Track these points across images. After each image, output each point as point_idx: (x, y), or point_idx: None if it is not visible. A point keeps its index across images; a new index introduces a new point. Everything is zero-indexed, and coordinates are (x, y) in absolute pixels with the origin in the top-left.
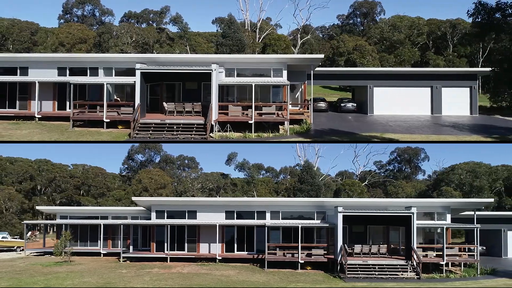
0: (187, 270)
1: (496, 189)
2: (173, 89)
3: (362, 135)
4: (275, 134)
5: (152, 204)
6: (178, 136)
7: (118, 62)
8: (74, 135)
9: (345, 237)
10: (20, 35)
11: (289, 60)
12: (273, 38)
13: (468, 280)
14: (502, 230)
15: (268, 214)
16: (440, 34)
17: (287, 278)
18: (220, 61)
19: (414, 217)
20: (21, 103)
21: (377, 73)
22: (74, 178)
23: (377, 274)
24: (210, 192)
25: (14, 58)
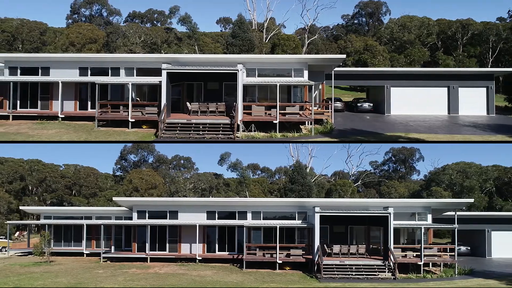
0: (164, 271)
1: (487, 189)
2: (194, 89)
3: (387, 135)
4: (300, 134)
5: (133, 204)
6: (204, 136)
7: (140, 62)
8: (101, 135)
9: (326, 237)
10: (30, 35)
11: (310, 60)
12: (282, 38)
13: (443, 280)
14: (486, 230)
15: (249, 214)
16: (450, 34)
17: (263, 278)
18: (242, 61)
19: (390, 217)
20: (42, 103)
21: (394, 73)
22: (65, 178)
23: (354, 275)
24: (202, 192)
25: (36, 58)
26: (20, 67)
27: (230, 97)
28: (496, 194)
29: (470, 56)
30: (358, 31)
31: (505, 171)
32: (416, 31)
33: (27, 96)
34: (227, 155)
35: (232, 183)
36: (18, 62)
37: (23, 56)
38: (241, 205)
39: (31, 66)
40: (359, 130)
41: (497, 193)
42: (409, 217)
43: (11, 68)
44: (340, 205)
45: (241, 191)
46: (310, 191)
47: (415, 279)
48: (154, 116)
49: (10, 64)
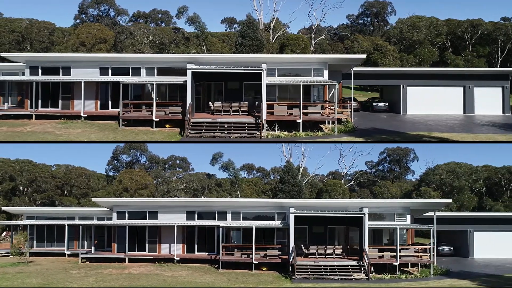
0: (140, 271)
1: (477, 189)
2: (211, 88)
3: (410, 134)
4: (324, 133)
5: (113, 204)
6: (230, 135)
7: (161, 62)
8: (128, 134)
9: (305, 237)
10: (39, 35)
11: (330, 60)
12: (291, 38)
13: (416, 281)
14: (469, 230)
15: (229, 215)
16: (459, 35)
17: (236, 278)
18: (263, 61)
19: (365, 218)
20: (63, 103)
21: (410, 73)
22: (55, 179)
23: (328, 275)
24: (194, 192)
25: (57, 58)
26: (41, 67)
27: (250, 96)
28: (486, 194)
29: (479, 56)
30: (363, 31)
31: (495, 171)
32: (425, 31)
33: (48, 96)
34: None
35: (225, 184)
36: (39, 62)
37: (44, 56)
38: (221, 205)
39: (52, 66)
40: (380, 129)
41: (488, 193)
42: (390, 217)
43: (32, 68)
44: (318, 206)
45: (233, 191)
46: (300, 191)
47: (388, 279)
48: (177, 116)
49: (31, 64)
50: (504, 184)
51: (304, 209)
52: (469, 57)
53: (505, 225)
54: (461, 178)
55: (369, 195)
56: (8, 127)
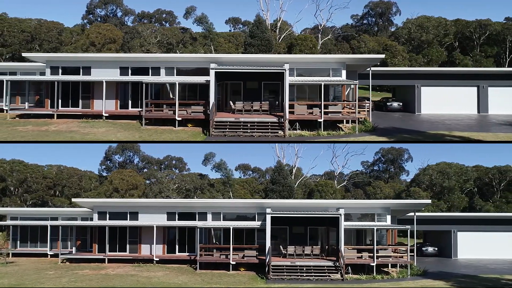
0: (116, 272)
1: (467, 189)
2: (231, 88)
3: (431, 133)
4: (345, 132)
5: (94, 205)
6: (253, 134)
7: (180, 62)
8: (153, 133)
9: (286, 238)
10: (48, 35)
11: (349, 60)
12: (300, 38)
13: (392, 281)
14: (452, 231)
15: (209, 215)
16: (467, 35)
17: (211, 279)
18: (283, 61)
19: (341, 219)
20: (83, 102)
21: (425, 72)
22: (47, 179)
23: (304, 276)
24: (187, 193)
25: (77, 58)
26: (61, 67)
27: (269, 96)
28: (477, 194)
29: (487, 56)
30: (368, 31)
31: (486, 172)
32: (433, 31)
33: (68, 95)
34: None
35: (218, 184)
36: (60, 62)
37: (64, 56)
38: (201, 206)
39: (72, 66)
40: (400, 128)
41: (479, 194)
42: (372, 218)
43: (53, 68)
44: (297, 206)
45: (226, 191)
46: (291, 191)
47: (363, 280)
48: (199, 115)
49: (52, 64)
50: (495, 184)
51: (283, 210)
52: (477, 57)
53: (489, 226)
54: (451, 179)
55: (362, 195)
56: (33, 126)
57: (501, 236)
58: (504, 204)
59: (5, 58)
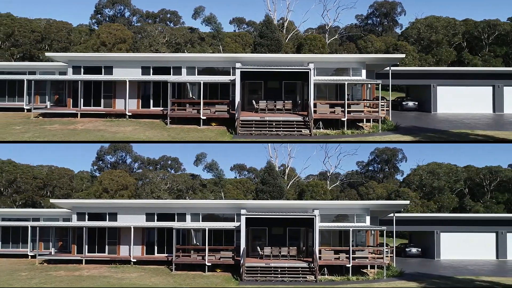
0: (91, 273)
1: (458, 190)
2: (250, 87)
3: (454, 132)
4: (369, 131)
5: (73, 206)
6: (279, 133)
7: (202, 62)
8: (180, 132)
9: (264, 238)
10: (58, 35)
11: (368, 59)
12: (309, 38)
13: (366, 282)
14: (435, 232)
15: (188, 216)
16: (476, 35)
17: (183, 280)
18: (305, 60)
19: (316, 219)
20: (105, 101)
21: (441, 72)
22: (37, 179)
23: (279, 277)
24: (178, 193)
25: (99, 57)
26: (83, 66)
27: (289, 95)
28: (468, 195)
29: (496, 56)
30: (373, 31)
31: (477, 172)
32: (443, 31)
33: (90, 95)
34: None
35: (210, 184)
36: (82, 61)
37: (86, 56)
38: (181, 207)
39: (94, 65)
40: (421, 127)
41: (470, 194)
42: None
43: (75, 67)
44: (275, 207)
45: (218, 192)
46: (281, 192)
47: (337, 281)
48: (224, 114)
49: (74, 64)
50: (485, 185)
51: (261, 211)
52: (486, 57)
53: (472, 226)
54: (441, 179)
55: (356, 195)
56: (59, 125)
57: (484, 237)
58: (494, 205)
59: (16, 58)
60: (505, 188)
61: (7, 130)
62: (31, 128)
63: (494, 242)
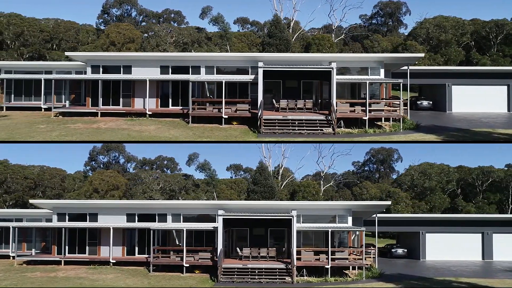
0: (66, 274)
1: (451, 190)
2: (273, 87)
3: (475, 131)
4: (390, 130)
5: (53, 206)
6: (302, 132)
7: (221, 60)
8: (203, 130)
9: (246, 239)
10: (66, 34)
11: (387, 58)
12: (317, 38)
13: (342, 284)
14: (421, 232)
15: (169, 217)
16: (484, 34)
17: (158, 282)
18: (321, 59)
19: (293, 220)
20: (124, 100)
21: (455, 71)
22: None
23: (257, 278)
24: (171, 193)
25: (119, 57)
26: (102, 66)
27: (307, 94)
28: (461, 195)
29: (504, 56)
30: (378, 31)
31: (469, 172)
32: (452, 30)
33: (109, 94)
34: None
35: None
36: (100, 60)
37: (105, 55)
38: (161, 207)
39: (113, 65)
40: (441, 126)
41: (462, 195)
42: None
43: (94, 67)
44: (253, 208)
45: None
46: (272, 192)
47: (314, 282)
48: (245, 113)
49: (93, 63)
50: (478, 185)
51: (241, 211)
52: (494, 57)
53: (457, 227)
54: (432, 179)
55: (350, 195)
56: (82, 124)
57: (470, 238)
58: (486, 205)
59: (25, 58)
60: (497, 189)
61: (33, 129)
62: (56, 127)
63: (480, 243)
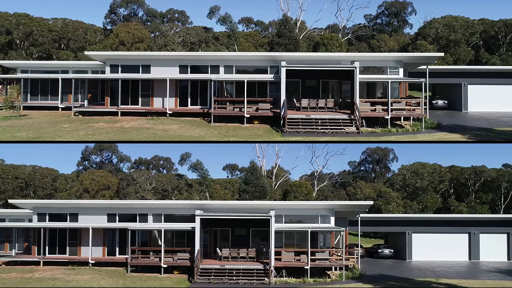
0: (42, 275)
1: (443, 190)
2: (293, 86)
3: (499, 130)
4: (412, 129)
5: (33, 206)
6: (325, 131)
7: (238, 60)
8: (226, 130)
9: (228, 240)
10: (74, 34)
11: (406, 58)
12: (326, 37)
13: (320, 285)
14: (407, 232)
15: (150, 217)
16: (493, 34)
17: (133, 283)
18: (341, 58)
19: (271, 221)
20: (143, 100)
21: (472, 71)
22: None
23: (234, 279)
24: (163, 193)
25: (137, 56)
26: (120, 65)
27: (326, 93)
28: (453, 195)
29: None
30: (383, 31)
31: (461, 172)
32: (461, 30)
33: (128, 93)
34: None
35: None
36: (119, 60)
37: (124, 54)
38: (142, 207)
39: (132, 64)
40: (462, 125)
41: (455, 194)
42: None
43: (112, 66)
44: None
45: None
46: (264, 192)
47: (293, 283)
48: (267, 112)
49: (111, 62)
50: (470, 185)
51: (221, 211)
52: (504, 56)
53: (444, 227)
54: (424, 179)
55: (344, 195)
56: (105, 123)
57: (457, 238)
58: (479, 205)
59: (35, 57)
60: (490, 188)
61: (57, 128)
62: (79, 126)
63: (467, 243)
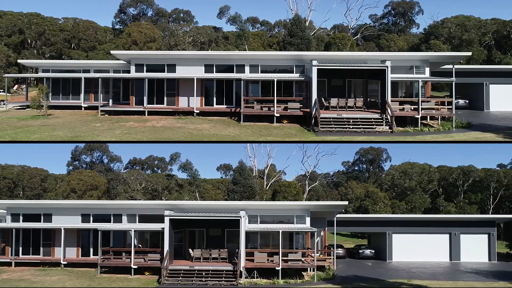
0: (9, 276)
1: (432, 190)
2: (320, 85)
3: None
4: (441, 129)
5: (7, 206)
6: (357, 130)
7: (265, 59)
8: (261, 129)
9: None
10: (86, 33)
11: (432, 57)
12: (337, 37)
13: (290, 286)
14: (387, 233)
15: (124, 217)
16: (505, 34)
17: (100, 284)
18: (367, 58)
19: (241, 221)
20: (168, 99)
21: (493, 70)
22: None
23: (203, 280)
24: (153, 193)
25: (163, 55)
26: (145, 64)
27: (351, 93)
28: (443, 195)
29: None
30: (390, 31)
31: (450, 172)
32: (474, 30)
33: (153, 92)
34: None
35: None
36: (144, 59)
37: (149, 54)
38: (116, 207)
39: (157, 63)
40: (491, 124)
41: (445, 195)
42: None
43: (137, 65)
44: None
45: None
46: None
47: (262, 285)
48: (296, 111)
49: (136, 62)
50: (459, 185)
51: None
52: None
53: (424, 228)
54: (413, 179)
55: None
56: (135, 123)
57: (437, 239)
58: (467, 205)
59: (47, 57)
60: (478, 188)
61: (90, 127)
62: (111, 125)
63: (448, 244)
